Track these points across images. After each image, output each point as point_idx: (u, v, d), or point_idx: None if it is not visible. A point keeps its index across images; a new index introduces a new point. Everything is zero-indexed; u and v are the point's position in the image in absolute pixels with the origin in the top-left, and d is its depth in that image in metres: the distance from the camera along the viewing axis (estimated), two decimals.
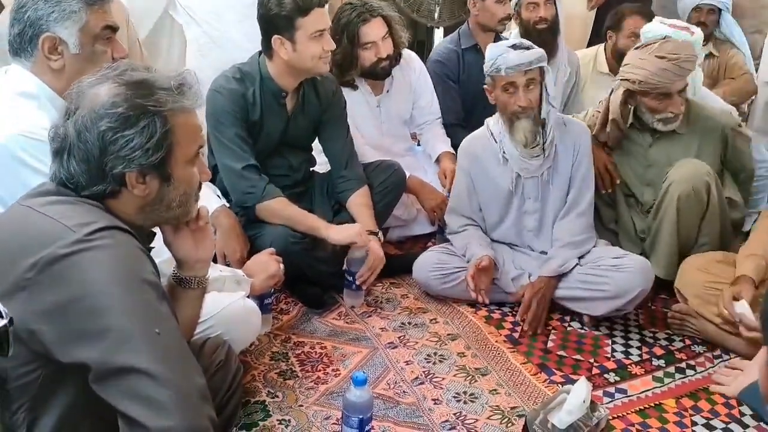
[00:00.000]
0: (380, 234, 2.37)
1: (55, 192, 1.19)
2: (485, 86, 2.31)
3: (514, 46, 2.21)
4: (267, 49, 2.20)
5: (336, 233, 2.21)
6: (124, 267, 1.10)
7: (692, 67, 2.35)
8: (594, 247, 2.34)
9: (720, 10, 3.63)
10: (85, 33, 1.54)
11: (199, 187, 1.31)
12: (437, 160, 2.90)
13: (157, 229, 1.39)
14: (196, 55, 2.80)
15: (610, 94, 2.47)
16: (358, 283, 2.26)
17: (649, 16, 3.27)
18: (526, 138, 2.26)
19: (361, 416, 1.60)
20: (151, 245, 1.34)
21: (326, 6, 2.17)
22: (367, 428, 1.61)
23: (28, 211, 1.15)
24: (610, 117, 2.44)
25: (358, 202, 2.37)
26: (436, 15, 4.03)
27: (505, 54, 2.19)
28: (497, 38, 3.08)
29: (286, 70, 2.22)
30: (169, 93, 1.20)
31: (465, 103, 3.06)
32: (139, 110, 1.17)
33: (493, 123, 2.39)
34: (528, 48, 2.21)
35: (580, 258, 2.29)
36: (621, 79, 2.39)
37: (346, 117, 2.46)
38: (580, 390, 1.66)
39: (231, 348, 1.67)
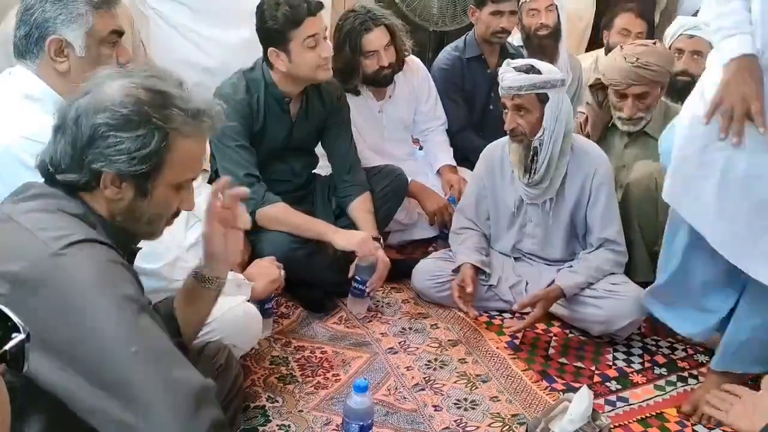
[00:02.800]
0: (381, 240, 2.36)
1: (38, 195, 1.15)
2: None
3: (517, 67, 2.15)
4: (266, 59, 2.20)
5: (341, 238, 2.20)
6: (99, 284, 1.05)
7: (658, 78, 2.35)
8: None
9: None
10: (91, 36, 1.53)
11: (176, 215, 1.27)
12: (438, 172, 2.90)
13: (167, 231, 1.36)
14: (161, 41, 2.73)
15: None
16: (368, 290, 2.24)
17: (642, 15, 3.29)
18: (517, 163, 2.24)
19: (361, 423, 1.59)
20: (138, 246, 1.30)
21: (320, 13, 2.14)
22: None
23: (7, 219, 1.11)
24: (585, 100, 2.48)
25: (360, 208, 2.37)
26: (438, 19, 4.05)
27: (504, 73, 2.17)
28: (503, 49, 3.07)
29: (287, 79, 2.22)
30: (182, 113, 1.15)
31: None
32: (142, 118, 1.12)
33: None
34: (528, 71, 2.13)
35: None
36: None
37: (350, 122, 2.46)
38: (583, 398, 1.66)
39: (231, 352, 1.66)
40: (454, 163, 2.91)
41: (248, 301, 1.87)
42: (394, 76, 2.72)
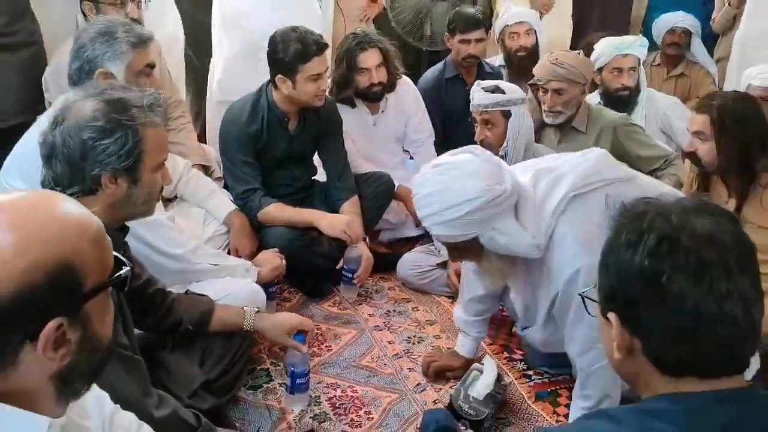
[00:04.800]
0: (367, 239, 2.73)
1: None
2: None
3: (485, 88, 2.50)
4: (273, 81, 2.60)
5: (326, 225, 2.57)
6: None
7: (571, 76, 2.67)
8: None
9: (691, 33, 4.01)
10: (130, 69, 1.95)
11: (161, 191, 1.56)
12: None
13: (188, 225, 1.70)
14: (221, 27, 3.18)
15: None
16: (355, 280, 2.61)
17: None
18: None
19: (293, 369, 1.96)
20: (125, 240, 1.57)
21: (324, 54, 2.53)
22: (297, 381, 1.97)
23: None
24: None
25: (349, 210, 2.74)
26: (430, 40, 4.44)
27: (474, 92, 2.52)
28: (480, 69, 3.46)
29: (287, 101, 2.61)
30: (141, 110, 1.43)
31: (446, 126, 3.43)
32: (114, 123, 1.40)
33: None
34: (494, 91, 2.48)
35: None
36: None
37: (342, 133, 2.85)
38: (492, 366, 2.02)
39: None
40: None
41: (255, 283, 2.27)
42: (384, 94, 3.10)
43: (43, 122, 1.97)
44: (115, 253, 0.91)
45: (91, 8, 2.47)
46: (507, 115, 2.53)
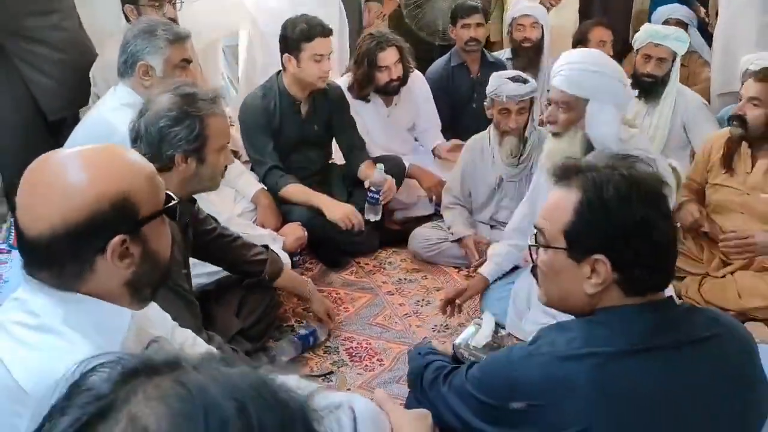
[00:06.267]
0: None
1: None
2: (485, 104, 2.85)
3: (514, 78, 2.74)
4: (282, 65, 2.88)
5: (329, 211, 2.78)
6: None
7: None
8: None
9: (687, 24, 4.19)
10: (167, 63, 2.23)
11: (225, 169, 1.88)
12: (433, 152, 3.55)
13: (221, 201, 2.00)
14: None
15: None
16: (381, 200, 2.86)
17: (608, 26, 3.88)
18: (511, 151, 2.85)
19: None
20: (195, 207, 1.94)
21: (329, 38, 2.83)
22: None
23: None
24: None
25: (368, 167, 3.01)
26: (442, 34, 4.68)
27: (505, 84, 2.74)
28: (483, 56, 3.71)
29: (295, 82, 2.89)
30: (206, 102, 1.76)
31: (453, 111, 3.69)
32: (185, 114, 1.73)
33: (492, 130, 2.96)
34: (525, 81, 2.74)
35: None
36: None
37: (351, 115, 3.12)
38: (489, 319, 2.26)
39: None
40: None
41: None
42: (400, 88, 3.36)
43: (95, 112, 2.30)
44: (167, 191, 1.17)
45: (132, 10, 2.76)
46: (532, 101, 2.80)
